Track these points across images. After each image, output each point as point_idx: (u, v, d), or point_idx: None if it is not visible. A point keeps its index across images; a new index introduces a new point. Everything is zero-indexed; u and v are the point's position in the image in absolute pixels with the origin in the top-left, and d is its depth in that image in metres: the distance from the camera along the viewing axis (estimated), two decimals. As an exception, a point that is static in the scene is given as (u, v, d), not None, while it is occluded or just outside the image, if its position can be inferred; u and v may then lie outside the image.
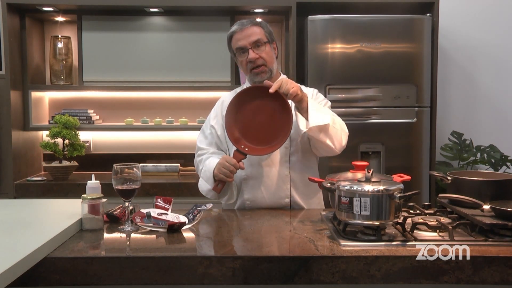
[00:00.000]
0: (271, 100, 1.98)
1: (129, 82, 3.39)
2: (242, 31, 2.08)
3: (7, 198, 3.12)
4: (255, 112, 2.03)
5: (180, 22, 3.38)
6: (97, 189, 1.78)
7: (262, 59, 2.07)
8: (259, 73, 2.09)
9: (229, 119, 2.04)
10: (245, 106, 2.04)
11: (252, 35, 2.07)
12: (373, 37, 3.07)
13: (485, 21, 3.65)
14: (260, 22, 2.15)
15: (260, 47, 2.08)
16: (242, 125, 2.04)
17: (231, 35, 2.12)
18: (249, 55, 2.06)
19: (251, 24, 2.10)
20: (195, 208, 1.83)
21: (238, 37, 2.08)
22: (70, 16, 3.44)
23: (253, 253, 1.48)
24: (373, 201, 1.55)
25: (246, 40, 2.07)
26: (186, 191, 3.12)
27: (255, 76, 2.10)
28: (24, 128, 3.33)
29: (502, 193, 1.75)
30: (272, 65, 2.12)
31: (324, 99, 2.21)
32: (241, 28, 2.09)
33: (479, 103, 3.69)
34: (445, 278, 1.43)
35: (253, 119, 2.04)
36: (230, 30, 2.13)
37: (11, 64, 3.17)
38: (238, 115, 2.04)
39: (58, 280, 1.41)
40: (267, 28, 2.13)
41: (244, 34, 2.07)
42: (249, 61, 2.07)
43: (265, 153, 2.04)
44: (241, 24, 2.10)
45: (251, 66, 2.08)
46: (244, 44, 2.07)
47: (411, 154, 3.15)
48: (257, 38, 2.07)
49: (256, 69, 2.08)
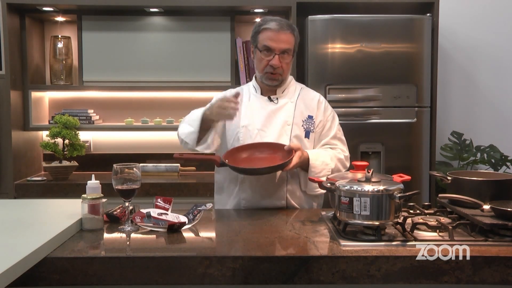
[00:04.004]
0: (278, 154, 2.02)
1: (129, 82, 3.39)
2: (278, 33, 2.05)
3: (7, 198, 3.12)
4: (257, 160, 2.05)
5: (180, 22, 3.38)
6: (97, 189, 1.78)
7: (281, 69, 2.07)
8: (273, 79, 2.10)
9: (233, 149, 2.07)
10: (253, 150, 2.07)
11: (285, 42, 2.05)
12: (373, 37, 3.07)
13: (485, 21, 3.65)
14: (295, 29, 2.11)
15: (285, 56, 2.07)
16: (241, 159, 2.05)
17: (264, 28, 2.07)
18: (273, 60, 2.05)
19: (289, 30, 2.07)
20: (195, 208, 1.83)
21: (272, 37, 2.05)
22: (70, 16, 3.44)
23: (253, 253, 1.48)
24: (373, 201, 1.55)
25: (278, 44, 2.04)
26: (186, 191, 3.12)
27: (267, 80, 2.10)
28: (24, 128, 3.33)
29: (502, 193, 1.75)
30: (287, 75, 2.14)
31: (332, 111, 2.22)
32: (278, 29, 2.05)
33: (479, 103, 3.69)
34: (445, 278, 1.43)
35: (253, 162, 2.04)
36: (266, 23, 2.07)
37: (11, 64, 3.16)
38: (240, 152, 2.06)
39: (58, 280, 1.41)
40: (298, 39, 2.12)
41: (279, 37, 2.04)
42: (270, 65, 2.06)
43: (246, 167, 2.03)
44: (279, 25, 2.06)
45: (270, 70, 2.07)
46: (274, 47, 2.04)
47: (411, 154, 3.15)
48: (287, 48, 2.06)
49: (273, 75, 2.08)
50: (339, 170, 2.11)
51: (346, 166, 2.16)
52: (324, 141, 2.16)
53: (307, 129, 2.14)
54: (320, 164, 2.03)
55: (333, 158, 2.10)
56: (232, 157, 2.03)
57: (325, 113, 2.18)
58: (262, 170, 1.99)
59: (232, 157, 2.04)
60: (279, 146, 2.04)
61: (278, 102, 2.15)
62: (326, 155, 2.08)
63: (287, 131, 2.11)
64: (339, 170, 2.11)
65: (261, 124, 2.11)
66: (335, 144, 2.17)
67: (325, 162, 2.05)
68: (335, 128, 2.19)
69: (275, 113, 2.13)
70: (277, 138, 2.09)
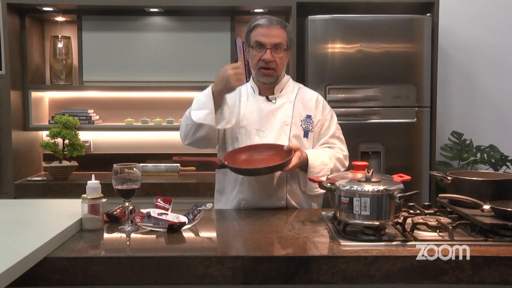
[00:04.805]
0: (278, 155, 2.02)
1: (129, 82, 3.39)
2: (268, 28, 2.07)
3: (7, 198, 3.12)
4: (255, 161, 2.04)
5: (180, 22, 3.38)
6: (97, 189, 1.77)
7: (275, 63, 2.07)
8: (267, 75, 2.09)
9: (232, 151, 2.07)
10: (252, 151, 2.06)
11: (276, 37, 2.06)
12: (373, 37, 3.07)
13: (485, 21, 3.65)
14: (287, 26, 2.13)
15: (278, 51, 2.07)
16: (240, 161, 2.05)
17: (255, 25, 2.09)
18: (265, 54, 2.05)
19: (280, 25, 2.09)
20: (195, 208, 1.83)
21: (262, 32, 2.06)
22: (70, 16, 3.44)
23: (253, 253, 1.48)
24: (373, 201, 1.55)
25: (268, 39, 2.05)
26: (186, 191, 3.12)
27: (261, 76, 2.10)
28: (24, 128, 3.33)
29: (502, 193, 1.75)
30: (281, 71, 2.14)
31: (330, 110, 2.22)
32: (269, 25, 2.07)
33: (479, 103, 3.69)
34: (445, 278, 1.43)
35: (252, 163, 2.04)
36: (256, 20, 2.10)
37: (11, 64, 3.16)
38: (239, 154, 2.06)
39: (58, 280, 1.41)
40: (290, 35, 2.13)
41: (270, 32, 2.06)
42: (263, 60, 2.06)
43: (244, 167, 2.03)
44: (269, 21, 2.08)
45: (262, 65, 2.08)
46: (265, 41, 2.06)
47: (411, 154, 3.15)
48: (279, 42, 2.07)
49: (266, 70, 2.08)
50: (338, 170, 2.11)
51: (345, 165, 2.16)
52: (323, 140, 2.16)
53: (305, 128, 2.14)
54: (319, 164, 2.03)
55: (332, 158, 2.10)
56: (232, 159, 2.03)
57: (324, 112, 2.18)
58: (261, 170, 1.99)
59: (232, 158, 2.04)
60: (278, 146, 2.04)
61: (276, 102, 2.15)
62: (325, 155, 2.08)
63: (286, 131, 2.11)
64: (338, 169, 2.11)
65: (259, 124, 2.11)
66: (334, 143, 2.17)
67: (324, 162, 2.05)
68: (334, 127, 2.19)
69: (274, 113, 2.13)
70: (276, 138, 2.09)
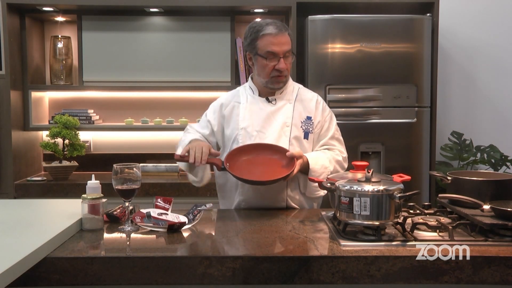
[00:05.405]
0: (279, 158, 2.02)
1: (129, 82, 3.39)
2: (277, 36, 2.03)
3: (7, 198, 3.12)
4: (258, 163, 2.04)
5: (180, 22, 3.38)
6: (97, 189, 1.77)
7: (286, 70, 2.08)
8: (280, 81, 2.09)
9: (234, 150, 2.06)
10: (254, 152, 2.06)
11: (285, 44, 2.05)
12: (373, 37, 3.07)
13: (485, 21, 3.65)
14: (288, 28, 2.11)
15: (288, 57, 2.07)
16: (242, 161, 2.04)
17: (263, 34, 2.04)
18: (279, 64, 2.04)
19: (286, 30, 2.07)
20: (195, 208, 1.83)
21: (273, 41, 2.03)
22: (70, 16, 3.44)
23: (253, 253, 1.48)
24: (373, 201, 1.55)
25: (280, 47, 2.03)
26: (186, 191, 3.12)
27: (274, 83, 2.09)
28: (24, 128, 3.33)
29: (502, 193, 1.75)
30: (289, 76, 2.14)
31: (329, 112, 2.22)
32: (277, 33, 2.04)
33: (479, 103, 3.69)
34: (445, 278, 1.43)
35: (253, 165, 2.03)
36: (263, 29, 2.05)
37: (11, 64, 3.16)
38: (241, 154, 2.05)
39: (58, 280, 1.41)
40: (292, 37, 2.13)
41: (280, 40, 2.04)
42: (276, 69, 2.05)
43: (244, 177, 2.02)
44: (277, 28, 2.05)
45: (277, 74, 2.06)
46: (278, 51, 2.03)
47: (411, 154, 3.15)
48: (288, 48, 2.07)
49: (280, 77, 2.08)
50: (337, 172, 2.10)
51: (344, 167, 2.16)
52: (322, 142, 2.16)
53: (306, 130, 2.13)
54: (319, 168, 2.03)
55: (332, 161, 2.10)
56: (233, 160, 2.02)
57: (323, 114, 2.18)
58: (263, 183, 1.99)
59: (233, 159, 2.03)
60: (282, 150, 2.03)
61: (276, 103, 2.14)
62: (325, 158, 2.08)
63: (286, 132, 2.10)
64: (337, 172, 2.11)
65: (260, 126, 2.11)
66: (334, 144, 2.17)
67: (324, 166, 2.05)
68: (333, 128, 2.19)
69: (274, 115, 2.13)
70: (276, 139, 2.08)
